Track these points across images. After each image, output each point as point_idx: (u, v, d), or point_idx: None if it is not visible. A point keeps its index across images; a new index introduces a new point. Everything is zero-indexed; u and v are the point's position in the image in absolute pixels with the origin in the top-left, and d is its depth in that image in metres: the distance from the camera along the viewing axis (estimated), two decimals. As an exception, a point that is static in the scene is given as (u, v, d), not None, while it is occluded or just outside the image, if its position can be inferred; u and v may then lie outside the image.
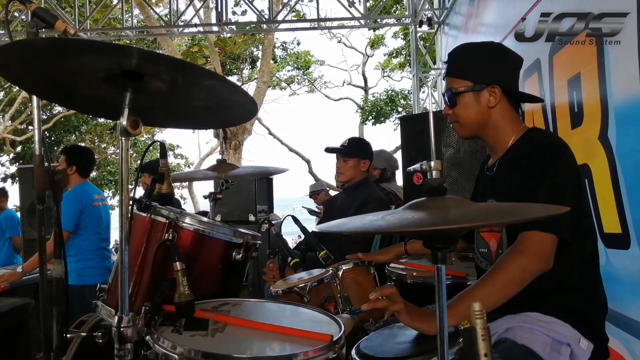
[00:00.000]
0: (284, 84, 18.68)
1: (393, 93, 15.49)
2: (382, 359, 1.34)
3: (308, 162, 17.39)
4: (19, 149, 16.98)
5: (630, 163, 2.17)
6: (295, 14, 9.55)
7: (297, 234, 11.69)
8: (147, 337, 1.33)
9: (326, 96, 19.71)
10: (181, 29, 7.96)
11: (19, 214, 5.47)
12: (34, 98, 1.49)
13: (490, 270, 1.45)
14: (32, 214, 4.66)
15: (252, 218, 4.74)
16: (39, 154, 1.50)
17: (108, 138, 17.42)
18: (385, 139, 49.16)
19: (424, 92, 8.36)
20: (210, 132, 15.40)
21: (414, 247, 2.24)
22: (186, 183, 16.14)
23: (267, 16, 7.27)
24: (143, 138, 16.18)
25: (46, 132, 15.02)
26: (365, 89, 18.60)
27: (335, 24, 8.40)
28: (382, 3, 7.92)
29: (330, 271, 1.96)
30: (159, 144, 1.72)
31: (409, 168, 2.15)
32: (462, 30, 5.62)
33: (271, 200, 5.21)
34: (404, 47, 14.69)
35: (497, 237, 1.62)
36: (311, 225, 2.93)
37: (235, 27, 9.77)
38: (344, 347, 1.29)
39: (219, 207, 2.49)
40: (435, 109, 6.80)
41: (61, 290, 1.51)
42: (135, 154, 15.18)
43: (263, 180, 4.98)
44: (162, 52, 11.06)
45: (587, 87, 2.51)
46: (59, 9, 8.30)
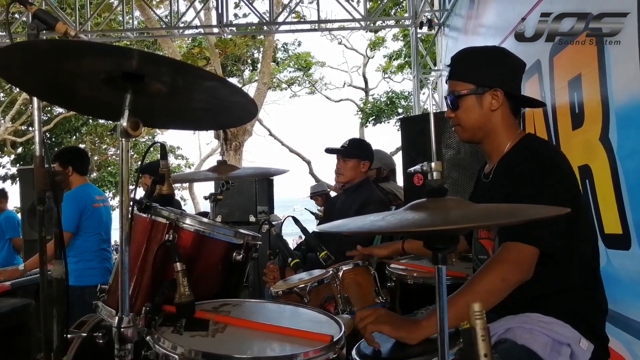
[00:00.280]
0: (284, 85, 18.70)
1: (393, 94, 15.50)
2: (382, 359, 1.34)
3: (309, 163, 17.41)
4: (20, 150, 16.99)
5: (631, 164, 2.17)
6: (296, 16, 9.55)
7: (297, 235, 11.70)
8: (148, 337, 1.33)
9: (327, 97, 19.74)
10: (182, 30, 7.96)
11: (19, 215, 5.48)
12: (35, 99, 1.49)
13: (471, 279, 1.47)
14: (32, 215, 4.66)
15: (252, 219, 4.73)
16: (40, 155, 1.51)
17: (108, 139, 17.43)
18: (385, 140, 49.20)
19: (424, 93, 8.38)
20: (211, 133, 15.41)
21: (411, 245, 2.27)
22: (187, 184, 16.16)
23: (267, 18, 7.28)
24: (143, 139, 16.19)
25: (46, 134, 15.04)
26: (366, 90, 18.60)
27: (336, 25, 8.40)
28: (382, 5, 7.92)
29: (331, 272, 1.96)
30: (159, 145, 1.73)
31: (410, 169, 2.15)
32: (462, 31, 5.62)
33: (272, 201, 5.20)
34: (404, 48, 14.69)
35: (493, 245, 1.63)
36: (311, 226, 2.93)
37: (235, 28, 9.76)
38: (344, 348, 1.29)
39: (219, 208, 2.50)
40: (435, 110, 6.80)
41: (62, 290, 1.51)
42: (136, 155, 15.21)
43: (263, 181, 4.97)
44: (162, 53, 11.07)
45: (587, 87, 2.51)
46: (60, 10, 8.30)
